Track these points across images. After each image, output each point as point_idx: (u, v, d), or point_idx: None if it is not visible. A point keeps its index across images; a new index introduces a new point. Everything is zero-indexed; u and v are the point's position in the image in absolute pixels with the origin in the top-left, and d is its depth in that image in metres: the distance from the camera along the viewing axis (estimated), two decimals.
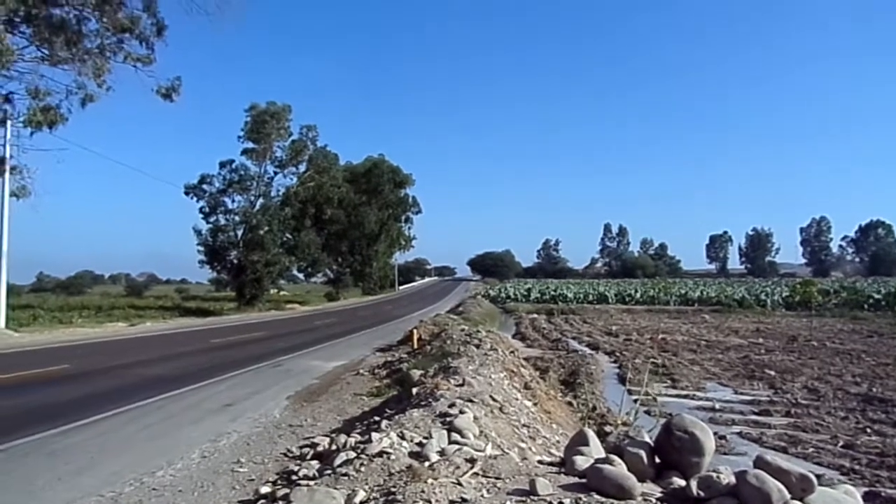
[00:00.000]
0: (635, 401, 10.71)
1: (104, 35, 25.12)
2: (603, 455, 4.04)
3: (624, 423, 9.37)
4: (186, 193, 44.52)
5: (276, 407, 10.39)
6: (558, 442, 7.74)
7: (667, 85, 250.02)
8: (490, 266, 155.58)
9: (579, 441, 4.38)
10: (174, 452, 7.26)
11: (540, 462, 4.57)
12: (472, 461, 4.07)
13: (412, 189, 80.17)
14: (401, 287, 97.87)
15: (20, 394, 10.96)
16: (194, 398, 10.90)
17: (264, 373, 14.43)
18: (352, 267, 74.01)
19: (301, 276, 72.47)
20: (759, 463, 3.58)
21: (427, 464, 4.17)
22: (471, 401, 6.70)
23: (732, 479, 3.44)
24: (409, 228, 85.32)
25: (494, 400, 7.08)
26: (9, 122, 22.64)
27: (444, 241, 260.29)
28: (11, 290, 28.08)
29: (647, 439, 4.39)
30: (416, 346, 17.31)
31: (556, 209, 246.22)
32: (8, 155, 22.64)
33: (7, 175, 22.60)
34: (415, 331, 19.56)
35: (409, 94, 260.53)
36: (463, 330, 17.81)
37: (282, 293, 62.91)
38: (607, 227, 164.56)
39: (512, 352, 15.29)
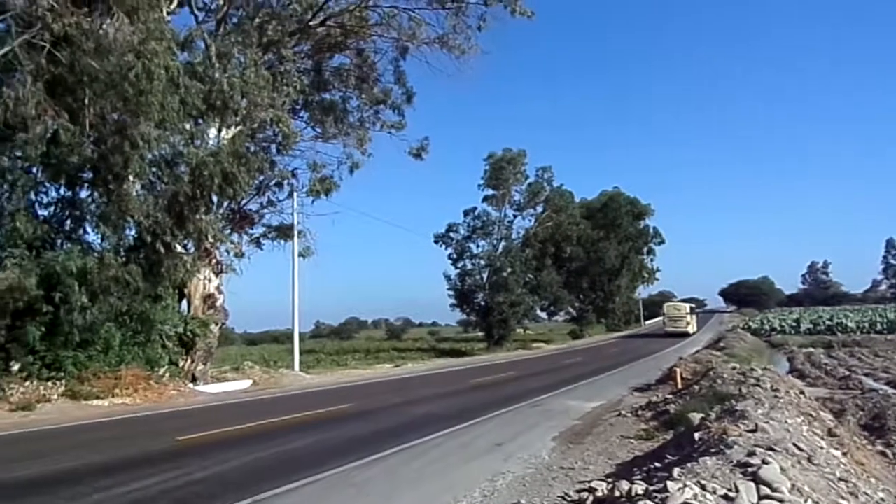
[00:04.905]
0: None
1: (363, 109, 28.69)
2: None
3: None
4: (436, 242, 48.01)
5: (543, 448, 10.37)
6: (882, 500, 6.58)
7: None
8: (745, 295, 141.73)
9: None
10: (458, 490, 7.56)
11: None
12: None
13: (652, 220, 77.19)
14: (647, 322, 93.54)
15: (320, 430, 12.37)
16: (466, 437, 11.34)
17: (525, 413, 14.57)
18: (594, 303, 72.82)
19: (544, 315, 73.10)
20: None
21: None
22: (772, 449, 5.96)
23: None
24: (652, 261, 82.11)
25: (799, 449, 6.22)
26: (295, 194, 26.50)
27: (690, 271, 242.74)
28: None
29: None
30: (679, 386, 16.19)
31: (821, 228, 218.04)
32: (295, 221, 26.46)
33: (295, 239, 26.35)
34: (677, 369, 18.35)
35: (642, 126, 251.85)
36: (734, 368, 16.25)
37: (527, 332, 63.92)
38: (890, 243, 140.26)
39: (801, 392, 13.51)
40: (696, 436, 7.62)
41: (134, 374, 17.21)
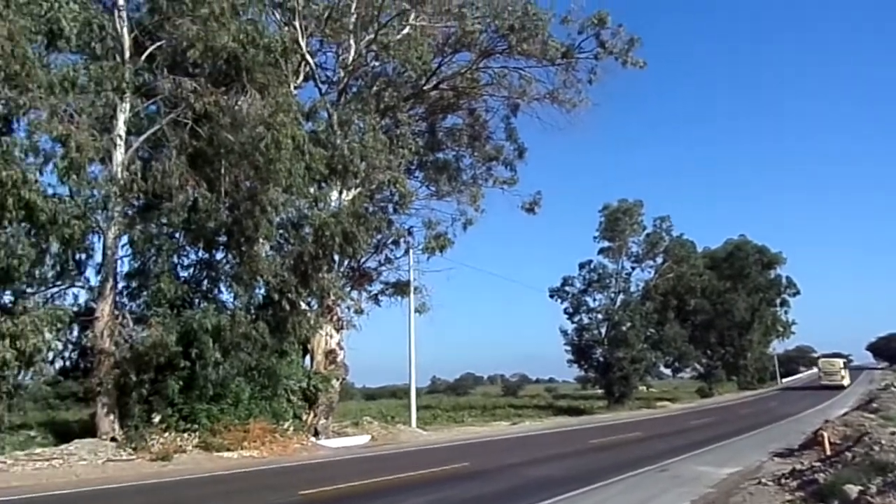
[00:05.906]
0: None
1: (476, 166, 29.40)
2: None
3: None
4: (551, 296, 47.09)
5: None
6: None
7: None
8: None
9: None
10: None
11: None
12: None
13: (784, 268, 71.86)
14: (784, 379, 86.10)
15: (436, 490, 12.20)
16: (587, 503, 10.75)
17: (651, 478, 13.65)
18: (723, 359, 67.96)
19: (668, 371, 69.17)
20: None
21: None
22: None
23: None
24: (786, 313, 75.87)
25: None
26: (411, 252, 27.18)
27: (831, 323, 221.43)
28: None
29: None
30: (828, 453, 14.55)
31: None
32: (412, 278, 27.06)
33: (412, 295, 26.87)
34: (823, 433, 16.57)
35: (768, 169, 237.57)
36: (893, 433, 14.44)
37: (650, 390, 60.79)
38: None
39: None
40: None
41: (261, 427, 17.93)
